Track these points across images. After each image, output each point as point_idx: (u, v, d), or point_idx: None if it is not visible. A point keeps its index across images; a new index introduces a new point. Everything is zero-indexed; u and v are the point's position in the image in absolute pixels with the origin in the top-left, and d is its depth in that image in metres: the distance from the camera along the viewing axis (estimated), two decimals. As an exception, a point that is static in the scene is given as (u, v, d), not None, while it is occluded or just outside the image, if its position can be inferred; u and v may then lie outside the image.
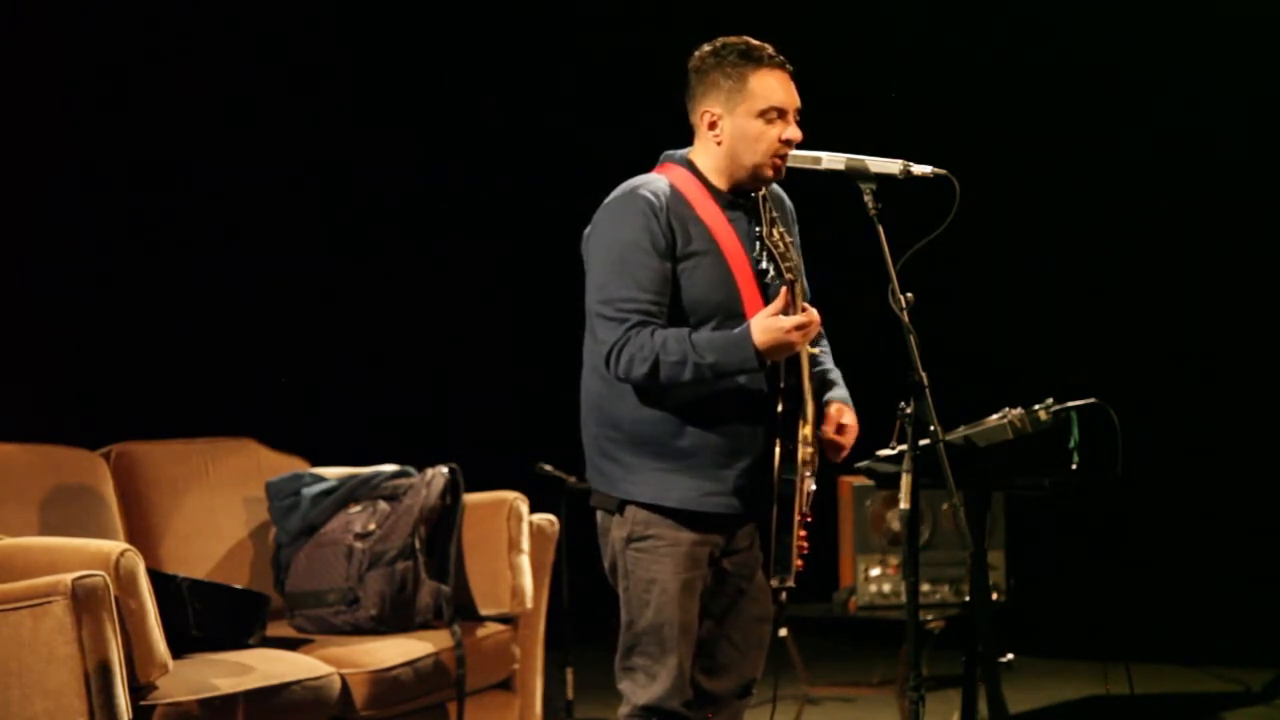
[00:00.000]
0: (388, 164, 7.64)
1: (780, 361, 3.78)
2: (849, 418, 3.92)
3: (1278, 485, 7.56)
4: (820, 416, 3.89)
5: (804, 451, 3.82)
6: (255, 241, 7.02)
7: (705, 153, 3.89)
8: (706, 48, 3.89)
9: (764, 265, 3.75)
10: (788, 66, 3.87)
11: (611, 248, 3.80)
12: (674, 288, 3.80)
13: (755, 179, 3.86)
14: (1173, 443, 7.40)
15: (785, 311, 3.70)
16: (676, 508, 3.81)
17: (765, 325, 3.69)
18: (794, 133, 3.84)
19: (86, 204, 6.45)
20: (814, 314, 3.74)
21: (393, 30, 7.69)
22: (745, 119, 3.83)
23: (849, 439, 3.92)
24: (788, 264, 3.71)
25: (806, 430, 3.83)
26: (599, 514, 3.93)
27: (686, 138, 3.95)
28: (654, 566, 3.82)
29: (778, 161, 3.84)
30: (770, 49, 3.86)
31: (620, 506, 3.85)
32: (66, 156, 6.39)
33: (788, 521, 3.82)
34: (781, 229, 3.75)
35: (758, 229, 3.76)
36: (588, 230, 3.90)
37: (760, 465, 3.83)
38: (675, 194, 3.84)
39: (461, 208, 7.90)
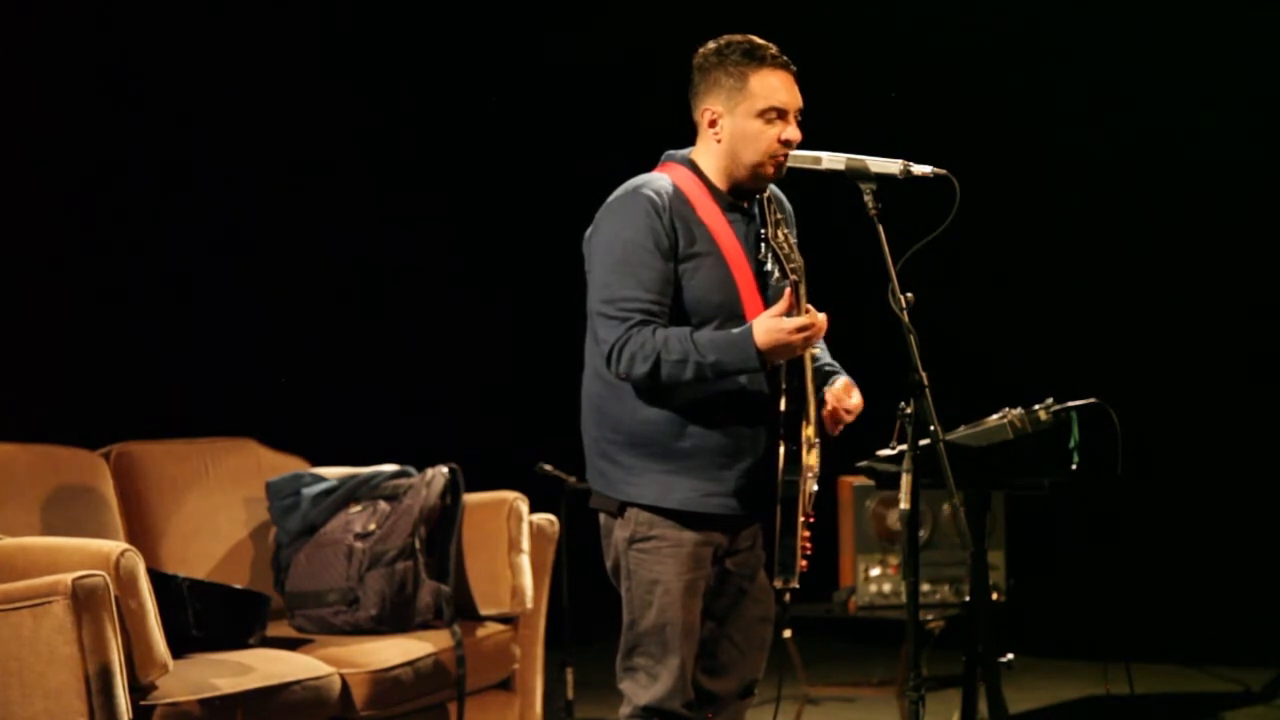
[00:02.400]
0: (387, 164, 7.64)
1: (782, 363, 3.78)
2: (855, 394, 3.92)
3: (1278, 485, 7.56)
4: (821, 418, 3.89)
5: (807, 453, 3.82)
6: (255, 241, 7.02)
7: (706, 152, 3.89)
8: (711, 45, 3.89)
9: (769, 266, 3.74)
10: (791, 67, 3.86)
11: (614, 246, 3.80)
12: (675, 288, 3.80)
13: (755, 178, 3.86)
14: (1173, 443, 7.40)
15: (789, 313, 3.70)
16: (678, 509, 3.81)
17: (767, 326, 3.69)
18: (793, 133, 3.84)
19: (87, 204, 6.45)
20: (818, 317, 3.73)
21: (391, 28, 7.69)
22: (745, 118, 3.83)
23: (853, 411, 3.90)
24: (792, 265, 3.71)
25: (809, 431, 3.83)
26: (601, 515, 3.93)
27: (687, 137, 3.95)
28: (657, 567, 3.82)
29: (777, 161, 3.84)
30: (774, 49, 3.86)
31: (621, 508, 3.85)
32: (67, 156, 6.39)
33: (791, 523, 3.82)
34: (786, 230, 3.75)
35: (763, 230, 3.75)
36: (589, 230, 3.90)
37: (761, 466, 3.83)
38: (677, 194, 3.84)
39: (461, 207, 7.89)
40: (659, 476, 3.82)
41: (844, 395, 3.90)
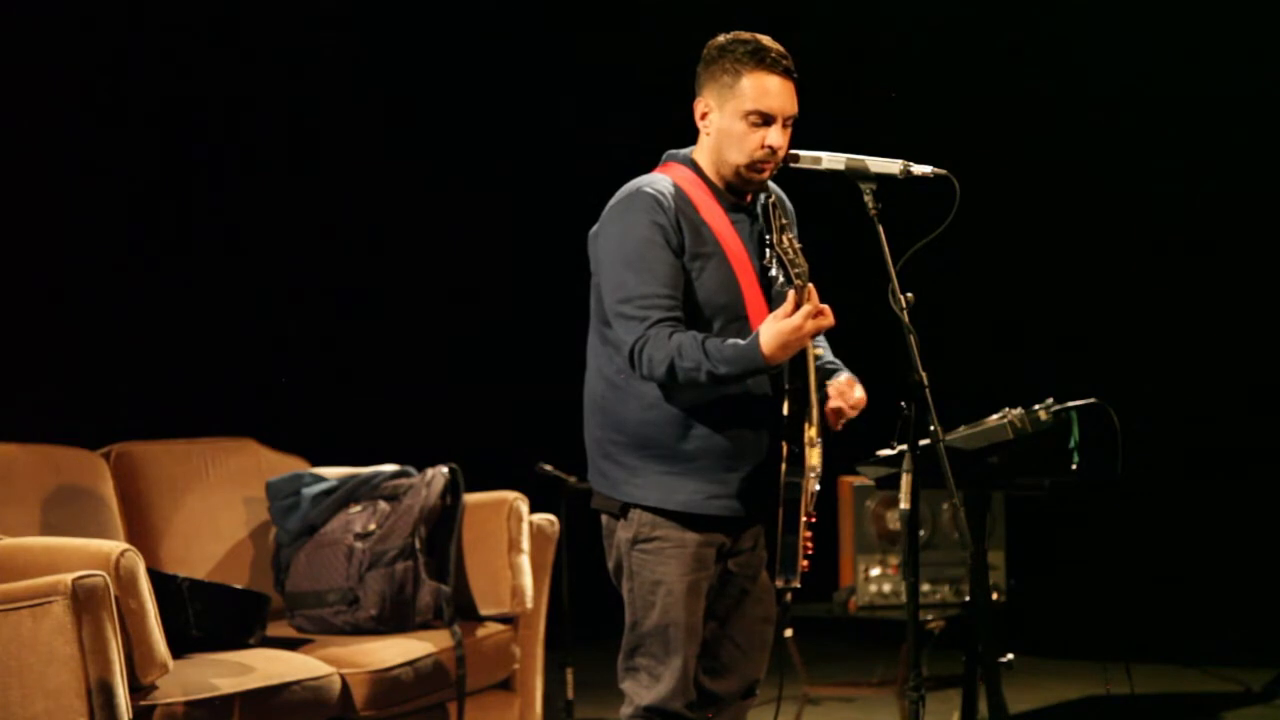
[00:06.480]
0: (387, 163, 7.63)
1: (785, 364, 3.77)
2: (858, 389, 3.91)
3: (1278, 485, 7.56)
4: (824, 419, 3.89)
5: (809, 454, 3.81)
6: (255, 241, 7.02)
7: (702, 148, 3.88)
8: (720, 39, 3.86)
9: (774, 272, 3.73)
10: (792, 73, 3.81)
11: (625, 245, 3.78)
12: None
13: (740, 179, 3.84)
14: (1173, 443, 7.40)
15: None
16: (681, 511, 3.81)
17: (772, 331, 3.67)
18: (776, 139, 3.79)
19: (87, 204, 6.45)
20: (823, 307, 3.71)
21: (391, 28, 7.69)
22: (731, 118, 3.80)
23: (856, 407, 3.89)
24: (797, 270, 3.69)
25: (812, 432, 3.82)
26: (603, 515, 3.93)
27: (688, 137, 3.94)
28: (660, 568, 3.82)
29: (762, 166, 3.81)
30: (776, 51, 3.81)
31: (624, 510, 3.85)
32: (68, 157, 6.39)
33: (793, 523, 3.81)
34: (791, 235, 3.73)
35: (768, 235, 3.74)
36: (594, 229, 3.89)
37: (764, 468, 3.82)
38: (680, 194, 3.83)
39: (462, 206, 7.89)
40: (662, 478, 3.81)
41: (847, 390, 3.89)
